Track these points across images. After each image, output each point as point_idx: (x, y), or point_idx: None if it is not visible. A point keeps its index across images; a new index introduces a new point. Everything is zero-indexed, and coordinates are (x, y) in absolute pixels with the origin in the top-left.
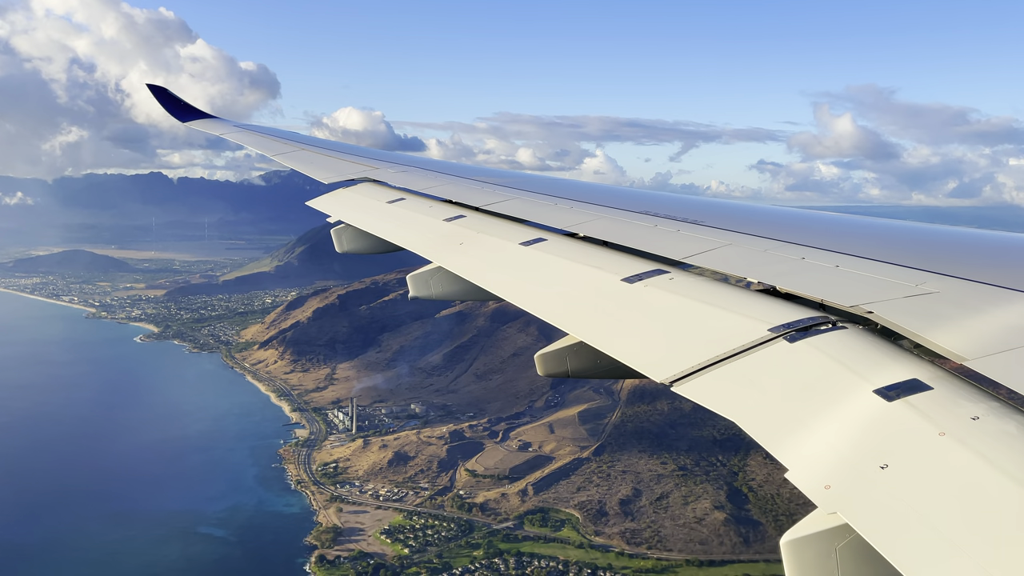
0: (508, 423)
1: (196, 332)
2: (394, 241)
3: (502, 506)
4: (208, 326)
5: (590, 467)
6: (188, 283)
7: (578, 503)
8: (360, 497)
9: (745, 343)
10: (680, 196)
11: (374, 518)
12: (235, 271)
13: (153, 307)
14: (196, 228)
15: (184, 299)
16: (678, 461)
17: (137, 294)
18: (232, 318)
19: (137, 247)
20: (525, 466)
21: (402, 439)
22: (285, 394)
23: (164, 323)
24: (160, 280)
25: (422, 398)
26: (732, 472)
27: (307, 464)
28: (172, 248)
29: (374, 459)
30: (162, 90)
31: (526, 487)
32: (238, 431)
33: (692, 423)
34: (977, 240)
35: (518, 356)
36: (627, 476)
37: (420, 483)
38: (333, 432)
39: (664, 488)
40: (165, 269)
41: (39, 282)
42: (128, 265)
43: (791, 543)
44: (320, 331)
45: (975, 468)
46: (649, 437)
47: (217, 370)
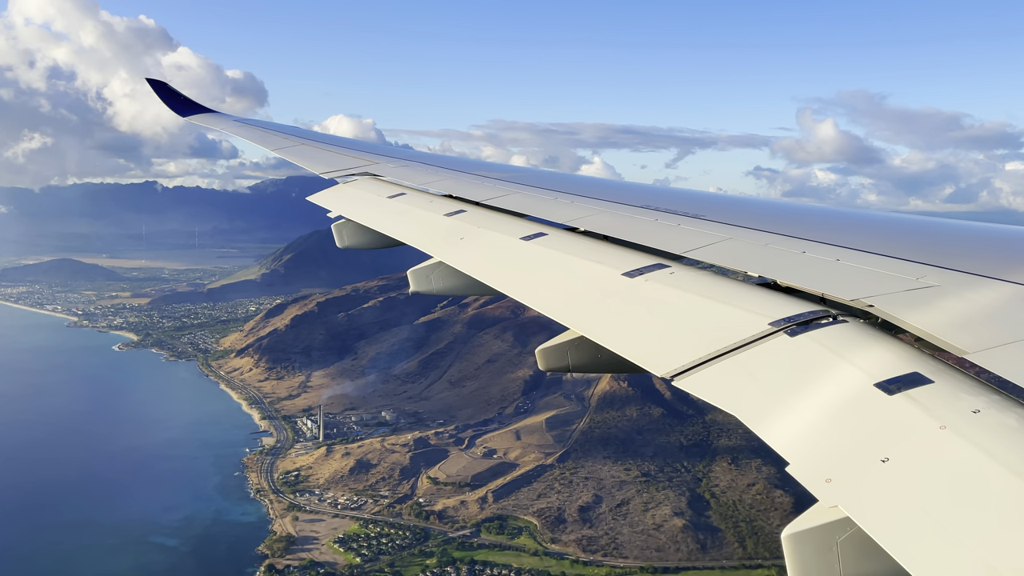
0: (475, 430)
1: (176, 340)
2: (395, 236)
3: (460, 514)
4: (189, 334)
5: (553, 474)
6: (174, 291)
7: (537, 510)
8: (318, 506)
9: (746, 337)
10: (680, 190)
11: (330, 527)
12: (222, 279)
13: (136, 315)
14: (190, 237)
15: (168, 307)
16: (642, 467)
17: (122, 303)
18: (214, 326)
19: (128, 256)
20: (488, 473)
21: (366, 447)
22: (257, 402)
23: (145, 331)
24: (146, 289)
25: (394, 405)
26: (696, 478)
27: (269, 473)
28: (163, 257)
29: (336, 467)
30: (162, 84)
31: (486, 494)
32: (205, 439)
33: (660, 429)
34: (977, 233)
35: (492, 363)
36: (589, 483)
37: (381, 491)
38: (300, 440)
39: (625, 495)
40: (153, 278)
41: (24, 291)
42: (116, 274)
43: (792, 536)
44: (296, 339)
45: (976, 461)
46: (615, 443)
47: (192, 378)
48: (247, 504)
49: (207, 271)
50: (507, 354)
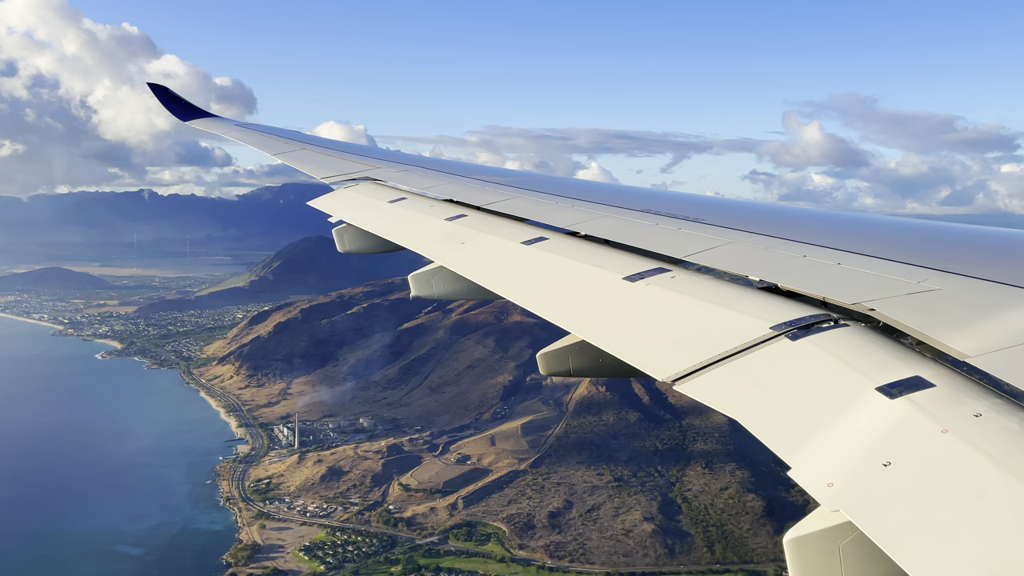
0: (451, 436)
1: (160, 348)
2: (395, 240)
3: (429, 520)
4: (173, 342)
5: (525, 479)
6: (162, 299)
7: (506, 516)
8: (288, 513)
9: (747, 341)
10: (681, 194)
11: (297, 535)
12: (212, 287)
13: (122, 324)
14: (183, 245)
15: (155, 315)
16: (615, 472)
17: (109, 311)
18: (199, 334)
19: (119, 264)
20: (460, 479)
21: (339, 454)
22: (235, 409)
23: (129, 339)
24: (135, 297)
25: (373, 412)
26: (669, 483)
27: (241, 481)
28: (155, 265)
29: (307, 474)
30: (163, 89)
31: (456, 501)
32: (179, 448)
33: (635, 434)
34: (979, 237)
35: (473, 368)
36: (561, 488)
37: (351, 498)
38: (275, 448)
39: (597, 500)
40: (143, 286)
41: (12, 300)
42: (106, 282)
43: (794, 541)
44: (278, 346)
45: (978, 465)
46: (590, 448)
47: (172, 386)
48: (216, 512)
49: (198, 279)
50: (488, 359)
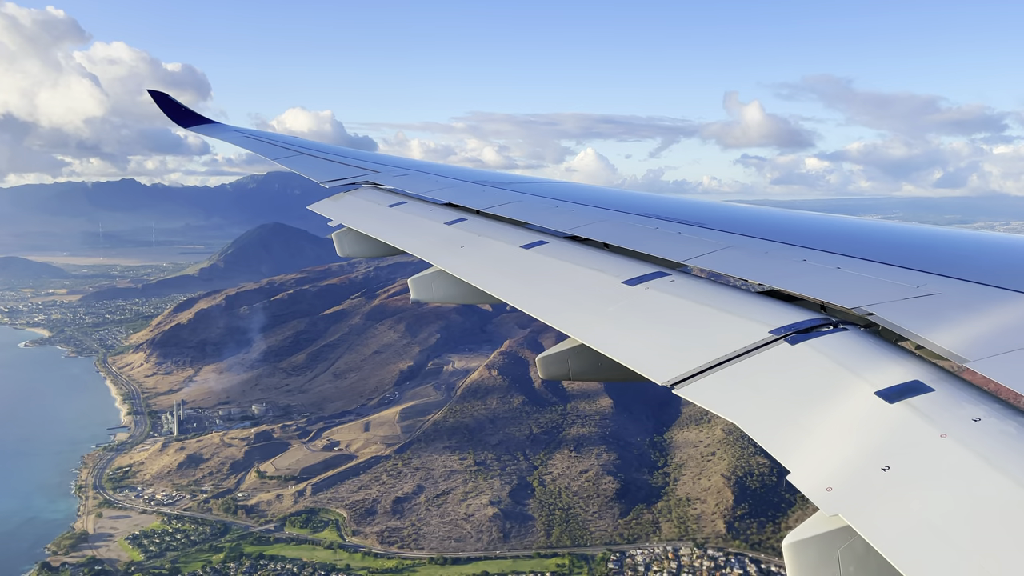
0: (327, 422)
1: (87, 336)
2: (395, 244)
3: (273, 508)
4: (103, 330)
5: (385, 465)
6: (113, 288)
7: (351, 503)
8: (133, 502)
9: (746, 345)
10: (680, 199)
11: (132, 523)
12: (164, 275)
13: (60, 312)
14: (162, 234)
15: (97, 304)
16: (479, 457)
17: (54, 299)
18: (134, 322)
19: (86, 254)
20: (320, 466)
21: (204, 441)
22: (133, 397)
23: (60, 328)
24: (85, 286)
25: (269, 398)
26: (532, 466)
27: (102, 469)
28: (123, 254)
29: (166, 462)
30: (163, 96)
31: (305, 488)
32: (58, 436)
33: (515, 418)
34: (977, 242)
35: (379, 354)
36: (418, 473)
37: (204, 486)
38: (154, 435)
39: (450, 485)
40: (103, 275)
41: None
42: (63, 272)
43: (793, 545)
44: (193, 333)
45: (977, 470)
46: (464, 433)
47: (81, 374)
48: (63, 501)
49: (159, 267)
50: (395, 345)
